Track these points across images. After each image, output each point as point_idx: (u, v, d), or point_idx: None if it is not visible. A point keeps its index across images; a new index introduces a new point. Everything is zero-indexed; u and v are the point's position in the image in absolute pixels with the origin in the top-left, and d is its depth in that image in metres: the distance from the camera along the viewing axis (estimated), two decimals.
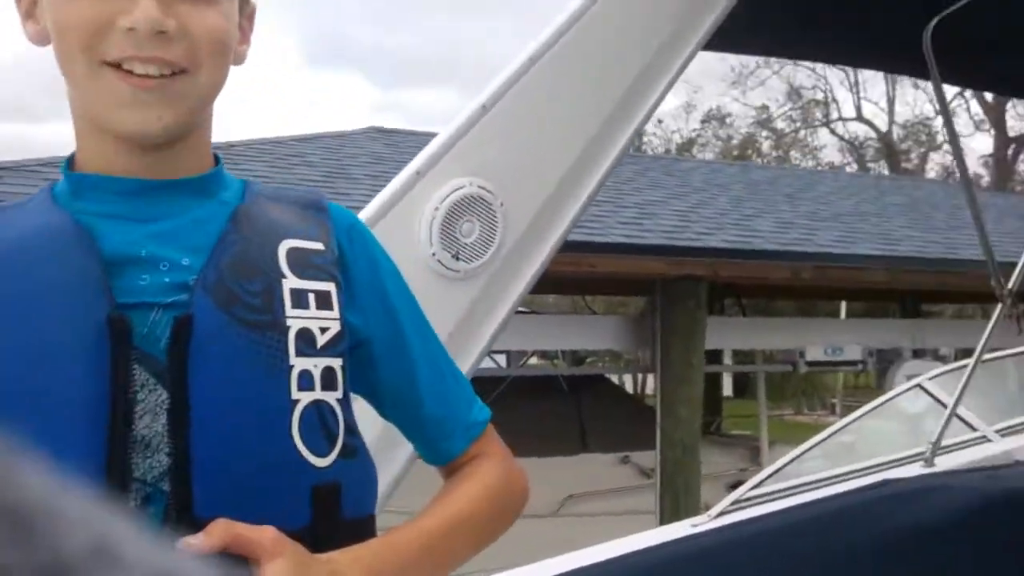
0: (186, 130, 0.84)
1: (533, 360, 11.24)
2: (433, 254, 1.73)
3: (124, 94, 0.79)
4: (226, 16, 0.85)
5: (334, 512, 0.83)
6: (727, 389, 14.46)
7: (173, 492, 0.77)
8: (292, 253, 0.85)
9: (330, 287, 0.86)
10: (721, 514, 2.17)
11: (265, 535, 0.74)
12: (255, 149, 7.34)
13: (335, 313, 0.85)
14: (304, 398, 0.81)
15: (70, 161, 0.89)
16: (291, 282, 0.84)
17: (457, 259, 1.76)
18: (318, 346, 0.83)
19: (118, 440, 0.76)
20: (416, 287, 0.99)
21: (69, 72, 0.82)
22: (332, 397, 0.84)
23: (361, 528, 0.85)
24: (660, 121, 25.33)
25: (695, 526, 2.14)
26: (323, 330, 0.84)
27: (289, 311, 0.82)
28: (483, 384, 1.33)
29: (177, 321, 0.79)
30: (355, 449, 0.86)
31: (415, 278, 1.74)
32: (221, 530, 0.73)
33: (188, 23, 0.80)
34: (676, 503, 6.45)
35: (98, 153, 0.85)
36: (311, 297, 0.84)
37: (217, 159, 0.92)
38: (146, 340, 0.79)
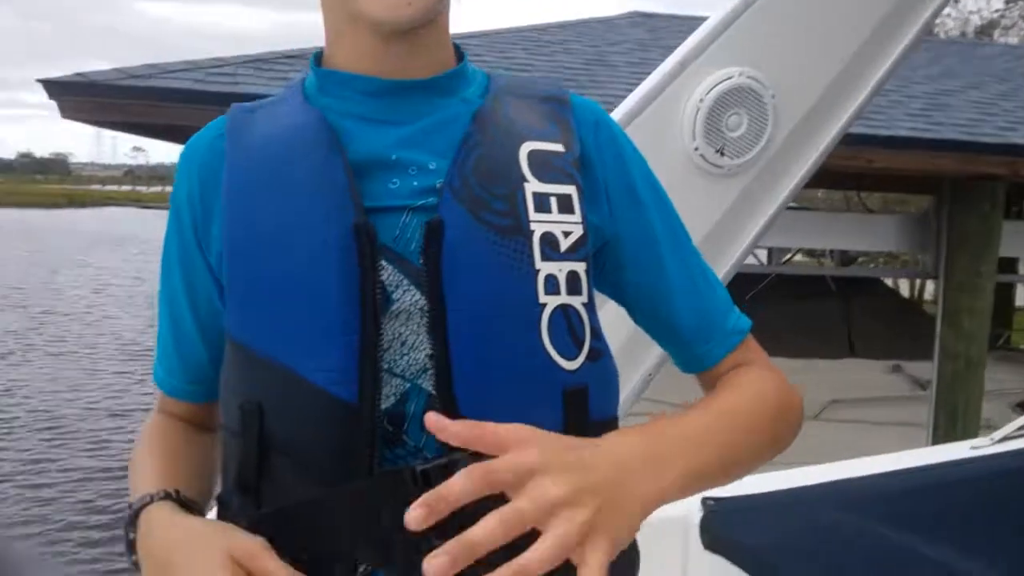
0: (431, 15, 0.83)
1: (797, 257, 10.78)
2: (696, 148, 1.65)
3: None
4: None
5: (583, 414, 0.82)
6: (1020, 299, 13.13)
7: (437, 391, 0.78)
8: (533, 155, 0.84)
9: (571, 190, 0.85)
10: (1006, 439, 1.98)
11: (517, 430, 0.71)
12: (518, 36, 7.39)
13: (577, 217, 0.84)
14: (551, 302, 0.81)
15: (318, 56, 0.90)
16: (533, 185, 0.83)
17: (722, 154, 1.67)
18: (561, 250, 0.82)
19: (369, 336, 0.78)
20: (676, 183, 0.94)
21: None
22: (578, 301, 0.83)
23: (606, 429, 0.83)
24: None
25: (975, 449, 1.98)
26: (566, 234, 0.83)
27: (532, 215, 0.82)
28: (743, 281, 1.27)
29: (429, 225, 0.80)
30: (600, 352, 0.85)
31: (675, 173, 1.70)
32: (470, 426, 0.70)
33: None
34: (952, 421, 6.01)
35: (347, 47, 0.86)
36: (553, 201, 0.83)
37: (461, 54, 0.92)
38: (398, 242, 0.80)
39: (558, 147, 0.86)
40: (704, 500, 1.83)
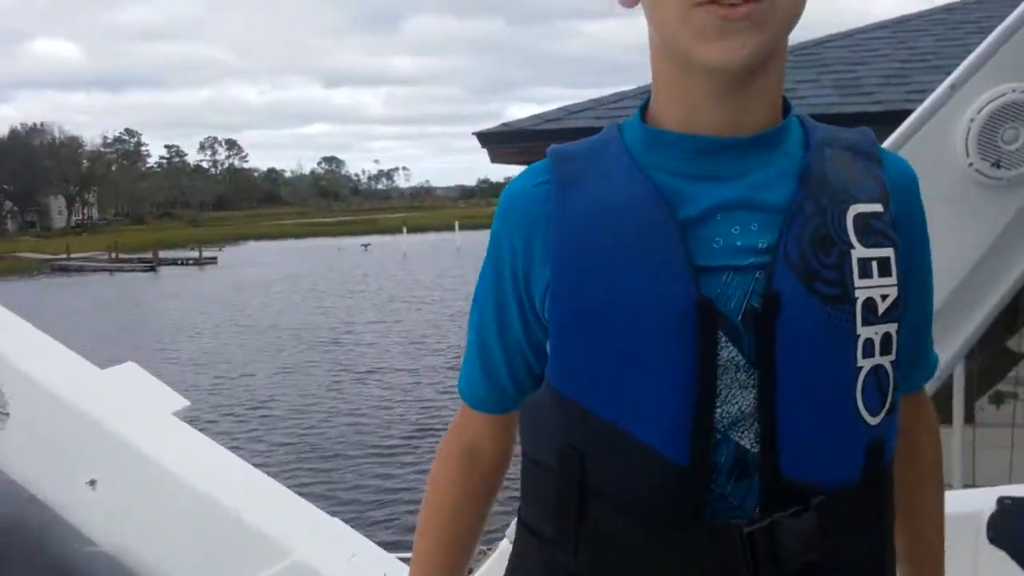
0: (766, 56, 0.83)
1: None
2: (971, 164, 1.80)
3: (712, 27, 0.79)
4: None
5: (879, 461, 0.88)
6: None
7: (762, 459, 0.83)
8: (859, 219, 0.86)
9: (890, 252, 0.86)
10: None
11: None
12: (927, 21, 7.04)
13: (894, 279, 0.86)
14: (866, 364, 0.85)
15: (644, 109, 0.91)
16: (858, 251, 0.85)
17: (998, 167, 1.79)
18: (879, 313, 0.85)
19: (705, 404, 0.82)
20: (953, 200, 1.01)
21: (660, 18, 0.84)
22: (887, 360, 0.87)
23: (891, 471, 0.92)
24: None
25: None
26: (884, 297, 0.86)
27: (857, 281, 0.84)
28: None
29: (765, 297, 0.82)
30: (895, 404, 0.89)
31: (952, 191, 1.79)
32: None
33: None
34: None
35: (677, 99, 0.87)
36: (875, 265, 0.85)
37: (787, 106, 0.91)
38: (719, 300, 0.83)
39: (878, 207, 0.87)
40: (1000, 499, 1.90)
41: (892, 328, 0.86)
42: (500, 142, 5.60)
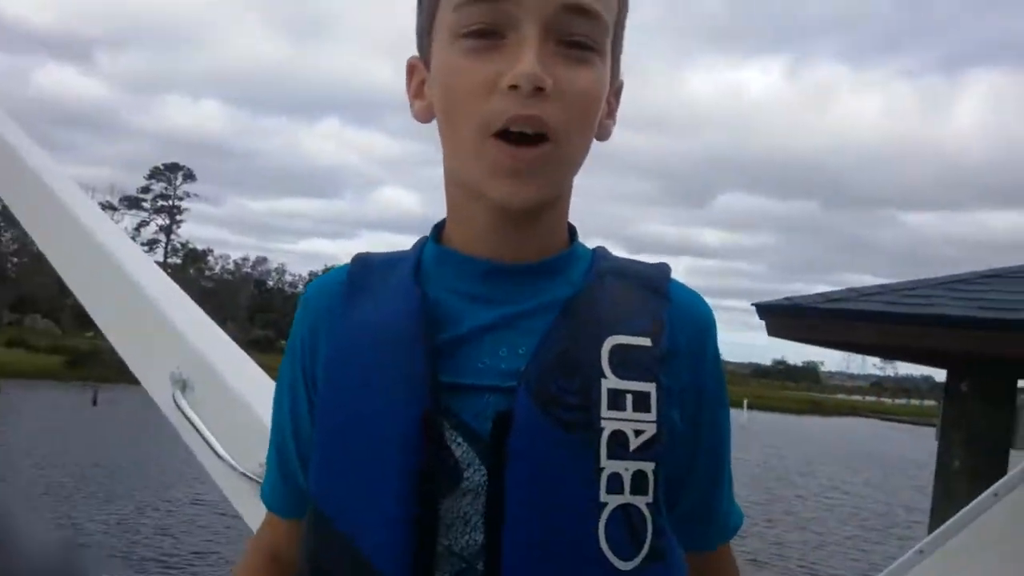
0: (550, 199, 0.87)
1: None
2: None
3: (502, 166, 0.82)
4: (600, 80, 0.85)
5: None
6: None
7: (486, 573, 0.80)
8: (616, 351, 0.84)
9: (650, 388, 0.84)
10: None
11: None
12: None
13: (652, 416, 0.83)
14: (612, 501, 0.81)
15: (439, 228, 0.93)
16: (610, 382, 0.83)
17: None
18: (631, 449, 0.82)
19: (426, 516, 0.81)
20: None
21: (456, 142, 0.86)
22: (642, 501, 0.82)
23: None
24: None
25: None
26: (637, 432, 0.83)
27: (605, 412, 0.82)
28: None
29: (498, 415, 0.82)
30: (663, 551, 0.84)
31: None
32: None
33: (563, 83, 0.82)
34: None
35: (465, 224, 0.90)
36: (628, 398, 0.83)
37: (572, 234, 0.93)
38: (478, 419, 0.82)
39: (645, 341, 0.86)
40: None
41: (648, 467, 0.82)
42: (779, 315, 5.54)
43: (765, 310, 5.51)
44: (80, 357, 42.40)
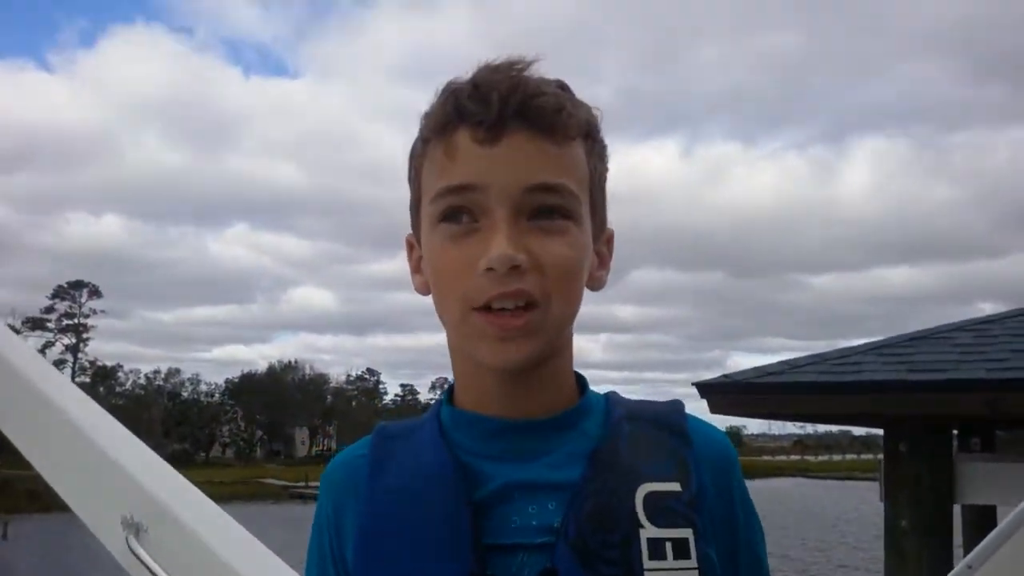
0: (544, 357, 0.89)
1: None
2: None
3: (489, 335, 0.85)
4: (576, 246, 0.88)
5: None
6: None
7: None
8: (650, 499, 0.85)
9: (687, 534, 0.84)
10: None
11: None
12: None
13: (692, 562, 0.84)
14: None
15: (451, 390, 0.96)
16: (648, 531, 0.84)
17: None
18: None
19: None
20: None
21: (446, 316, 0.90)
22: None
23: None
24: None
25: None
26: None
27: (647, 563, 0.82)
28: None
29: (543, 572, 0.83)
30: None
31: None
32: None
33: (538, 255, 0.85)
34: None
35: (473, 388, 0.93)
36: (668, 546, 0.83)
37: (582, 384, 0.96)
38: None
39: (675, 487, 0.86)
40: None
41: None
42: (720, 393, 5.61)
43: (706, 389, 5.58)
44: None
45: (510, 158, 0.86)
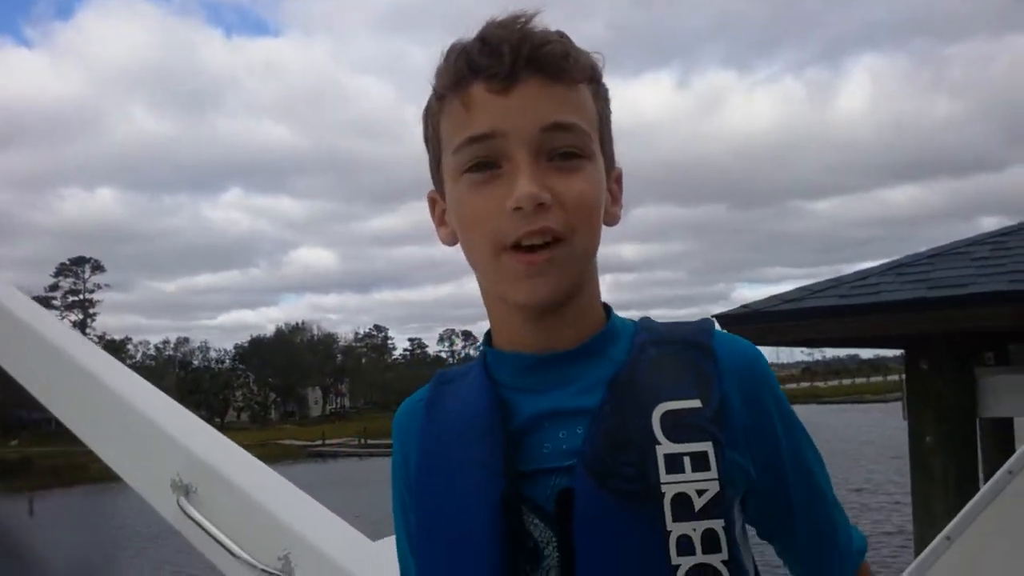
0: (572, 291, 0.94)
1: None
2: None
3: (519, 272, 0.91)
4: (592, 181, 0.93)
5: None
6: None
7: None
8: (667, 417, 0.89)
9: (706, 447, 0.88)
10: None
11: None
12: None
13: (713, 474, 0.86)
14: (685, 563, 0.85)
15: (489, 334, 1.01)
16: (665, 447, 0.87)
17: None
18: (696, 509, 0.86)
19: None
20: None
21: (477, 260, 0.96)
22: (716, 559, 0.86)
23: None
24: None
25: None
26: (700, 492, 0.86)
27: (664, 477, 0.86)
28: None
29: (560, 495, 0.88)
30: None
31: None
32: None
33: (560, 193, 0.90)
34: None
35: (504, 326, 0.98)
36: (686, 460, 0.87)
37: (608, 312, 1.00)
38: (548, 501, 0.89)
39: (695, 403, 0.90)
40: None
41: (717, 524, 0.86)
42: (741, 323, 5.61)
43: (726, 320, 5.57)
44: (8, 467, 40.74)
45: (525, 104, 0.90)
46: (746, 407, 0.93)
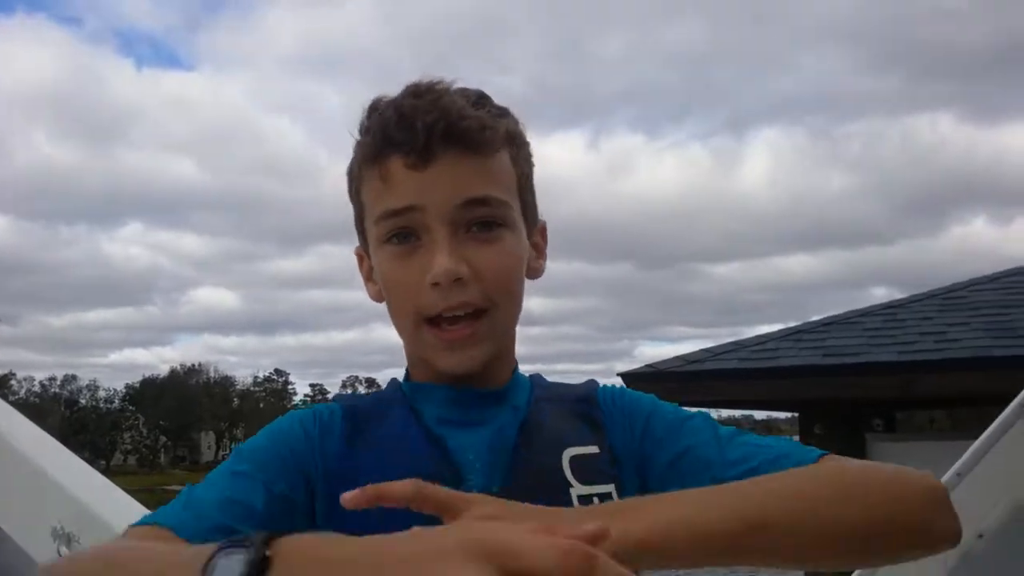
0: (493, 358, 0.96)
1: None
2: None
3: (441, 346, 0.93)
4: (511, 252, 0.95)
5: None
6: None
7: None
8: (575, 461, 0.93)
9: (610, 488, 0.92)
10: None
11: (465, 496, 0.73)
12: None
13: None
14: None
15: (407, 371, 1.01)
16: (577, 489, 0.91)
17: None
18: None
19: None
20: None
21: (400, 328, 0.97)
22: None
23: None
24: None
25: None
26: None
27: None
28: None
29: None
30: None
31: None
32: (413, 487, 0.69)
33: (478, 265, 0.91)
34: None
35: (425, 372, 0.98)
36: (595, 500, 0.90)
37: (513, 365, 1.02)
38: None
39: (593, 449, 0.94)
40: None
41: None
42: (645, 382, 5.69)
43: (630, 379, 5.65)
44: None
45: (441, 179, 0.91)
46: (635, 443, 0.96)
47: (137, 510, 2.37)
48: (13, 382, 79.42)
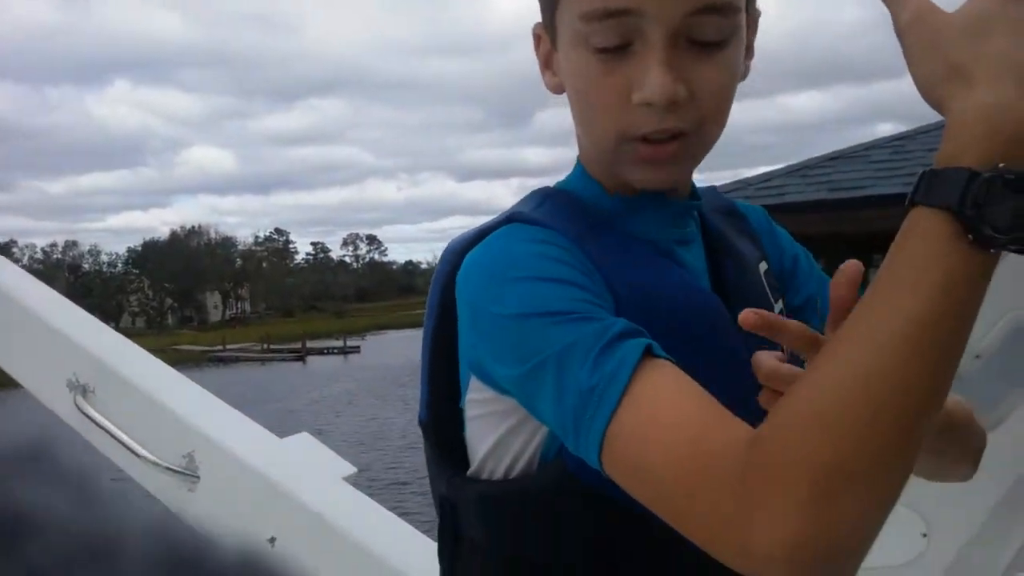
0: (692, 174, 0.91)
1: None
2: None
3: (642, 158, 0.82)
4: (732, 69, 0.83)
5: None
6: None
7: None
8: (766, 276, 0.93)
9: (780, 305, 0.93)
10: None
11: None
12: None
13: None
14: None
15: (580, 171, 0.91)
16: (777, 305, 0.92)
17: None
18: None
19: None
20: None
21: (594, 141, 0.86)
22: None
23: None
24: None
25: None
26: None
27: None
28: None
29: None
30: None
31: None
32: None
33: (696, 85, 0.79)
34: None
35: (615, 188, 0.88)
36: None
37: None
38: None
39: (764, 265, 0.95)
40: None
41: None
42: None
43: None
44: None
45: None
46: (776, 258, 0.97)
47: (149, 362, 2.41)
48: (15, 250, 79.71)
